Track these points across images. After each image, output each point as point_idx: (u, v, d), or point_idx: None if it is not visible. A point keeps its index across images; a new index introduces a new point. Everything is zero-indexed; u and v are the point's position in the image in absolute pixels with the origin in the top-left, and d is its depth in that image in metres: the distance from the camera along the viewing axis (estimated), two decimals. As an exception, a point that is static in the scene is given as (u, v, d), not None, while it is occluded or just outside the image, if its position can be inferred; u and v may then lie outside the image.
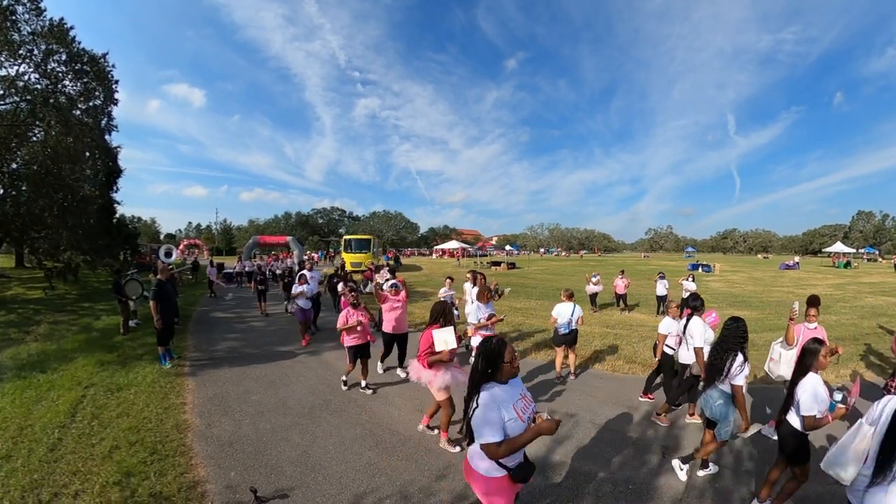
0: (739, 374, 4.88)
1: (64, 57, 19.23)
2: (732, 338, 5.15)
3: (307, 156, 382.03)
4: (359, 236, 40.50)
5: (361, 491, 4.53)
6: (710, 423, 5.01)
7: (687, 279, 15.28)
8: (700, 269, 41.63)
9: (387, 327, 8.13)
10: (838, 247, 66.44)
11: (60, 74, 19.38)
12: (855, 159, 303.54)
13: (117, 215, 23.72)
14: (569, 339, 8.15)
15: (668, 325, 7.03)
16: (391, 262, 39.15)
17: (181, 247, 54.32)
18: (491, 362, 2.94)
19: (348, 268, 33.76)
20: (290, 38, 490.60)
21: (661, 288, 15.89)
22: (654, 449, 5.78)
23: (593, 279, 16.77)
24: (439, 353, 5.30)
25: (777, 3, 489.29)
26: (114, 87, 22.35)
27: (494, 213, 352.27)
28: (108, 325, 11.67)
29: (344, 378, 7.44)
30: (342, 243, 38.57)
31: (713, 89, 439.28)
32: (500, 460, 2.81)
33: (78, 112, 20.62)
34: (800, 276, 36.26)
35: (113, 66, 21.86)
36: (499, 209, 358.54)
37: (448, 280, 11.00)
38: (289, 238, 39.35)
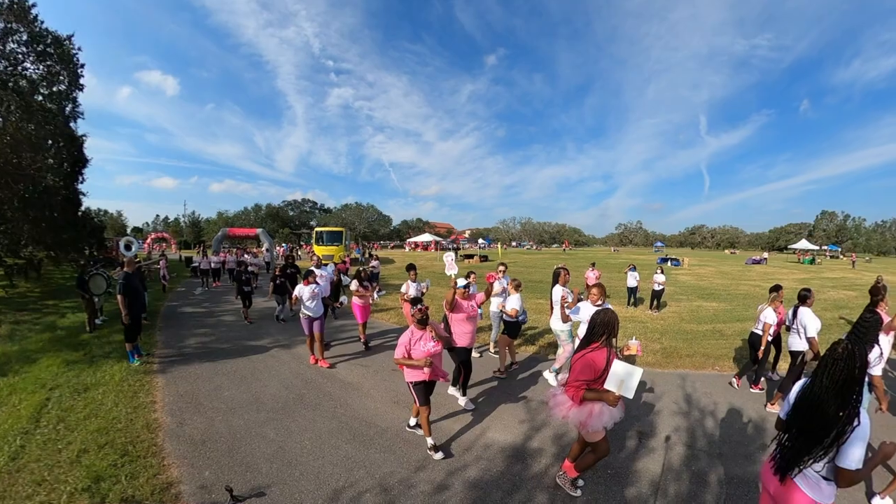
0: (878, 364, 5.33)
1: (24, 37, 18.05)
2: (872, 331, 5.25)
3: (278, 146, 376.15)
4: (330, 228, 39.83)
5: (340, 485, 4.44)
6: None
7: (657, 272, 15.76)
8: (669, 263, 42.63)
9: (463, 341, 6.56)
10: (803, 244, 69.97)
11: (21, 56, 18.23)
12: (820, 162, 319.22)
13: (83, 208, 22.33)
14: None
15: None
16: (363, 257, 38.68)
17: (148, 240, 53.00)
18: None
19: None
20: (264, 24, 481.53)
21: (632, 280, 16.25)
22: (631, 434, 5.84)
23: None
24: (602, 392, 3.94)
25: (754, 9, 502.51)
26: (79, 71, 20.95)
27: (467, 207, 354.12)
28: (74, 323, 11.14)
29: (413, 421, 5.80)
30: (313, 235, 37.96)
31: (687, 89, 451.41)
32: None
33: (40, 97, 19.36)
34: (766, 271, 37.36)
35: (79, 49, 20.54)
36: (472, 203, 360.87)
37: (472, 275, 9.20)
38: (259, 230, 38.27)
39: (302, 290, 8.34)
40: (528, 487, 4.63)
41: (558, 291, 7.55)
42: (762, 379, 7.65)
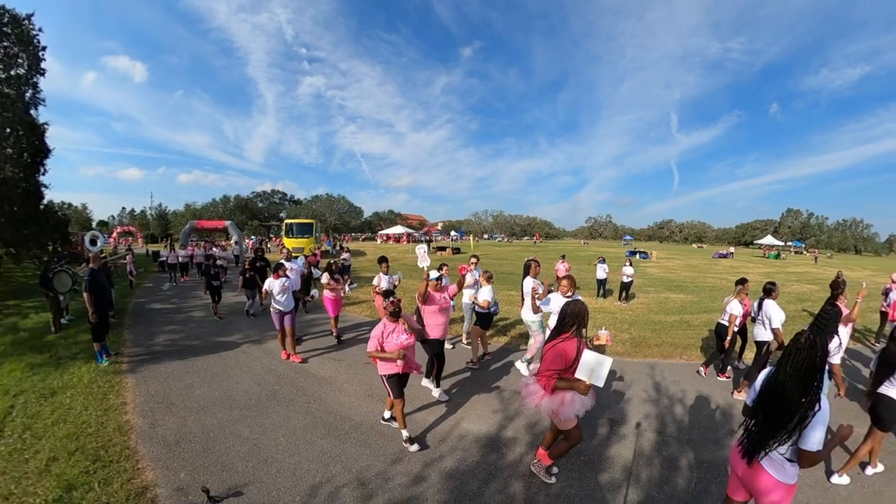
0: (837, 353, 5.75)
1: (-24, 15, 16.63)
2: (832, 322, 5.58)
3: (248, 135, 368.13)
4: (300, 220, 38.89)
5: (317, 481, 4.43)
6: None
7: (626, 265, 16.16)
8: (638, 256, 43.53)
9: (435, 333, 6.52)
10: (769, 240, 73.15)
11: (-27, 36, 16.84)
12: (787, 163, 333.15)
13: (45, 201, 20.98)
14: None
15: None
16: (333, 250, 38.20)
17: (114, 234, 51.37)
18: None
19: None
20: (237, 9, 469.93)
21: (602, 272, 16.54)
22: (602, 422, 5.98)
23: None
24: (573, 381, 4.01)
25: (729, 13, 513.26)
26: (41, 54, 19.58)
27: (440, 199, 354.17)
28: (38, 324, 10.71)
29: (387, 414, 5.81)
30: (283, 228, 37.13)
31: (660, 88, 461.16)
32: None
33: (-4, 82, 18.05)
34: (732, 265, 38.50)
35: (40, 30, 19.22)
36: (444, 195, 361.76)
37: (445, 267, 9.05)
38: (227, 223, 36.99)
39: (272, 284, 8.16)
40: (503, 476, 4.71)
41: (529, 283, 7.64)
42: (728, 367, 7.92)
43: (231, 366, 7.87)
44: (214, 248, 23.71)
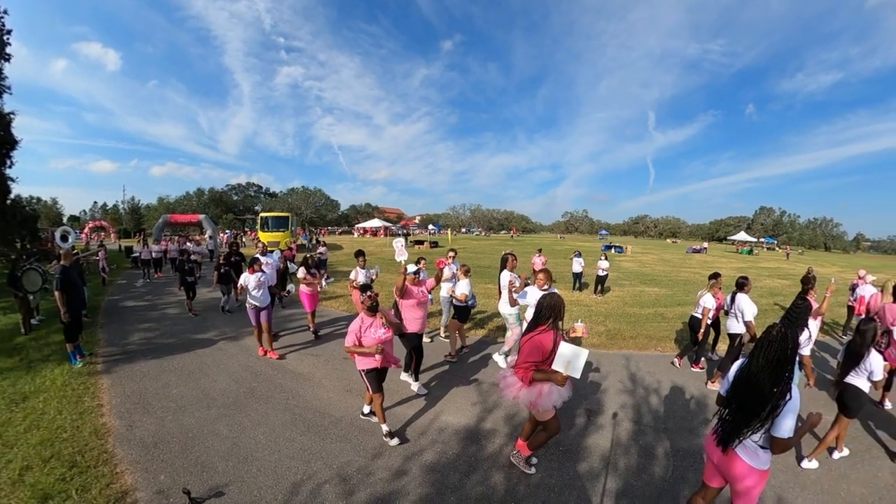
0: (807, 345, 6.31)
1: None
2: (803, 315, 5.90)
3: (223, 126, 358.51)
4: (276, 214, 38.04)
5: (298, 479, 4.42)
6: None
7: (602, 259, 16.42)
8: (613, 250, 44.30)
9: (413, 327, 6.49)
10: (742, 236, 76.14)
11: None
12: (761, 162, 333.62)
13: (12, 195, 20.22)
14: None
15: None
16: (310, 244, 37.56)
17: (86, 229, 50.03)
18: None
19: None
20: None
21: (577, 265, 16.77)
22: (580, 412, 6.08)
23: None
24: (550, 372, 4.05)
25: (710, 16, 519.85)
26: (5, 38, 18.76)
27: (417, 192, 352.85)
28: (7, 325, 10.22)
29: (367, 409, 5.77)
30: (258, 221, 36.38)
31: (638, 87, 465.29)
32: None
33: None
34: (706, 260, 39.34)
35: (5, 12, 18.41)
36: (422, 188, 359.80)
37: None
38: (201, 216, 36.62)
39: (247, 279, 7.97)
40: (483, 468, 4.76)
41: (506, 276, 7.70)
42: (702, 359, 8.14)
43: (207, 363, 7.73)
44: (189, 243, 23.18)
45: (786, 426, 2.91)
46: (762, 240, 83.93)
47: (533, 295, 6.42)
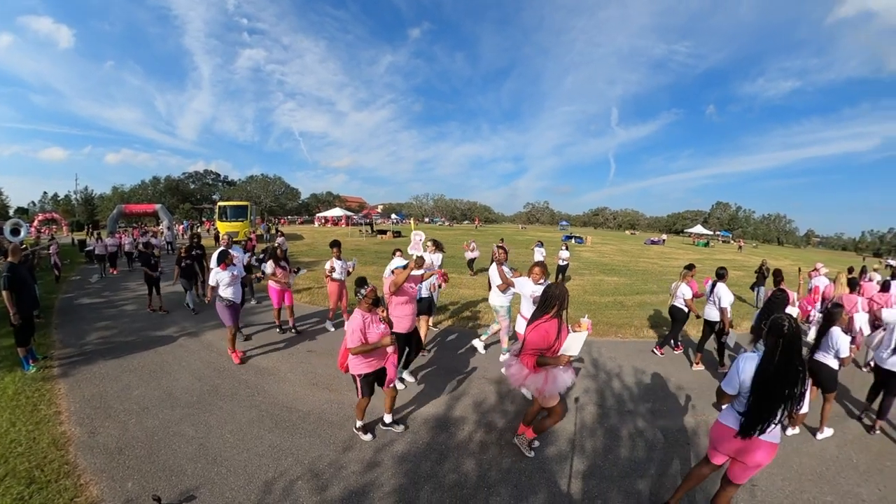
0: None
1: None
2: (781, 305, 6.37)
3: (181, 111, 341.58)
4: (235, 203, 36.04)
5: (270, 477, 4.34)
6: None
7: (563, 249, 16.81)
8: (573, 241, 45.02)
9: (402, 325, 6.11)
10: (698, 229, 78.84)
11: None
12: (719, 160, 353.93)
13: None
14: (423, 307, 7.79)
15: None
16: (268, 234, 36.05)
17: (35, 222, 46.95)
18: None
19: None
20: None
21: (539, 255, 16.94)
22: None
23: (471, 245, 17.72)
24: (554, 358, 4.21)
25: (679, 18, 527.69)
26: None
27: (380, 181, 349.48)
28: None
29: (360, 423, 5.18)
30: (216, 211, 34.56)
31: (603, 83, 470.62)
32: None
33: None
34: (663, 251, 40.83)
35: None
36: (385, 176, 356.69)
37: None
38: (157, 206, 34.66)
39: (220, 276, 7.31)
40: (455, 456, 4.83)
41: (494, 269, 7.62)
42: (677, 343, 8.61)
43: (169, 361, 7.44)
44: (152, 238, 21.32)
45: (806, 402, 3.28)
46: (718, 233, 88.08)
47: (525, 286, 6.33)
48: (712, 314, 7.70)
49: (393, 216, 68.01)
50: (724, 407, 3.69)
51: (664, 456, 5.03)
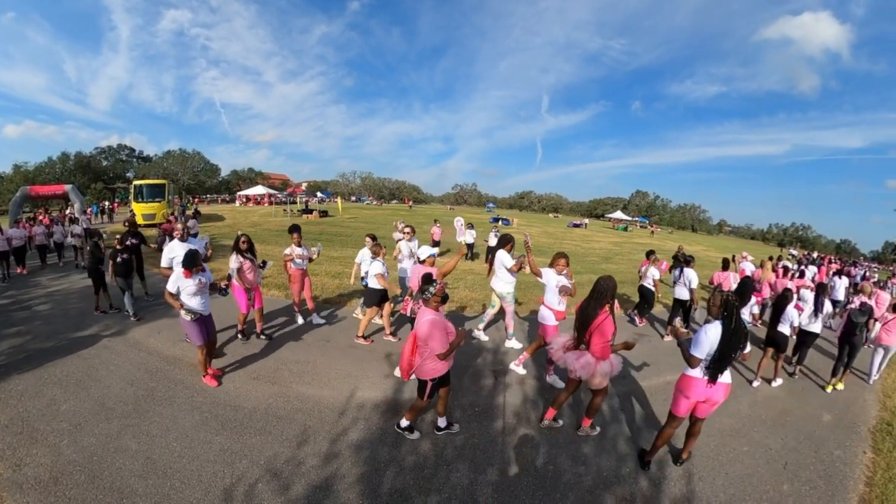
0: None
1: None
2: (750, 288, 7.95)
3: (94, 77, 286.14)
4: (151, 181, 32.01)
5: (227, 483, 4.07)
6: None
7: (493, 231, 16.90)
8: (500, 223, 45.74)
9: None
10: (618, 214, 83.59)
11: None
12: (640, 151, 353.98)
13: None
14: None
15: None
16: (181, 216, 32.96)
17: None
18: None
19: (139, 221, 24.21)
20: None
21: (470, 237, 17.76)
22: (487, 374, 6.38)
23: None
24: (622, 345, 4.88)
25: (617, 16, 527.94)
26: None
27: (305, 157, 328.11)
28: None
29: (408, 423, 4.94)
30: (131, 190, 30.78)
31: (537, 71, 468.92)
32: None
33: None
34: (585, 234, 42.86)
35: None
36: (310, 153, 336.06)
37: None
38: (67, 187, 29.59)
39: (182, 283, 5.70)
40: (411, 441, 4.84)
41: (503, 255, 7.43)
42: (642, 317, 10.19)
43: (95, 366, 6.54)
44: (77, 226, 16.68)
45: (748, 345, 4.47)
46: (636, 219, 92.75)
47: (551, 277, 6.35)
48: (683, 294, 9.18)
49: (318, 194, 65.22)
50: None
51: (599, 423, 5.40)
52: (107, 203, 40.05)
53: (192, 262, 5.68)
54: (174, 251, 7.06)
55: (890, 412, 6.62)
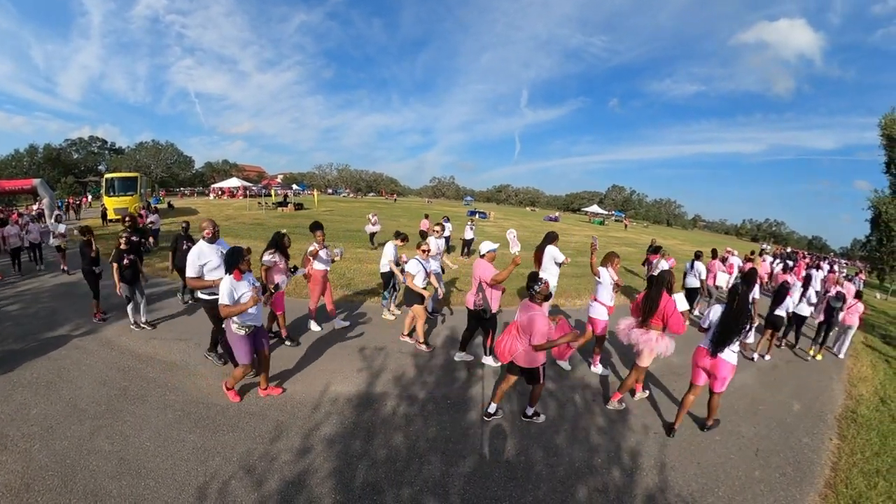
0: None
1: None
2: (754, 278, 7.91)
3: (64, 65, 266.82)
4: (123, 175, 30.96)
5: (202, 481, 4.00)
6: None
7: (470, 224, 17.75)
8: (477, 216, 45.08)
9: (495, 306, 6.54)
10: (594, 208, 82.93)
11: None
12: (617, 147, 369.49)
13: None
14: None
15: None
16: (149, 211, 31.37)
17: None
18: None
19: (111, 215, 25.14)
20: None
21: (446, 230, 17.41)
22: (460, 367, 6.43)
23: (372, 219, 17.47)
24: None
25: (600, 14, 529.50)
26: None
27: (281, 149, 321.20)
28: None
29: (492, 408, 5.25)
30: (103, 184, 29.19)
31: (518, 65, 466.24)
32: None
33: None
34: (561, 227, 42.51)
35: None
36: (286, 144, 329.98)
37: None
38: (36, 181, 26.99)
39: (234, 287, 4.82)
40: (384, 431, 4.87)
41: (553, 250, 8.17)
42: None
43: (66, 367, 6.27)
44: (59, 225, 13.44)
45: (750, 337, 5.10)
46: (612, 213, 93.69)
47: (607, 276, 6.78)
48: (693, 283, 10.37)
49: (294, 186, 63.53)
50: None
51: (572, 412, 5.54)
52: (72, 199, 36.92)
53: (239, 258, 4.88)
54: (204, 256, 5.89)
55: (855, 400, 6.99)
